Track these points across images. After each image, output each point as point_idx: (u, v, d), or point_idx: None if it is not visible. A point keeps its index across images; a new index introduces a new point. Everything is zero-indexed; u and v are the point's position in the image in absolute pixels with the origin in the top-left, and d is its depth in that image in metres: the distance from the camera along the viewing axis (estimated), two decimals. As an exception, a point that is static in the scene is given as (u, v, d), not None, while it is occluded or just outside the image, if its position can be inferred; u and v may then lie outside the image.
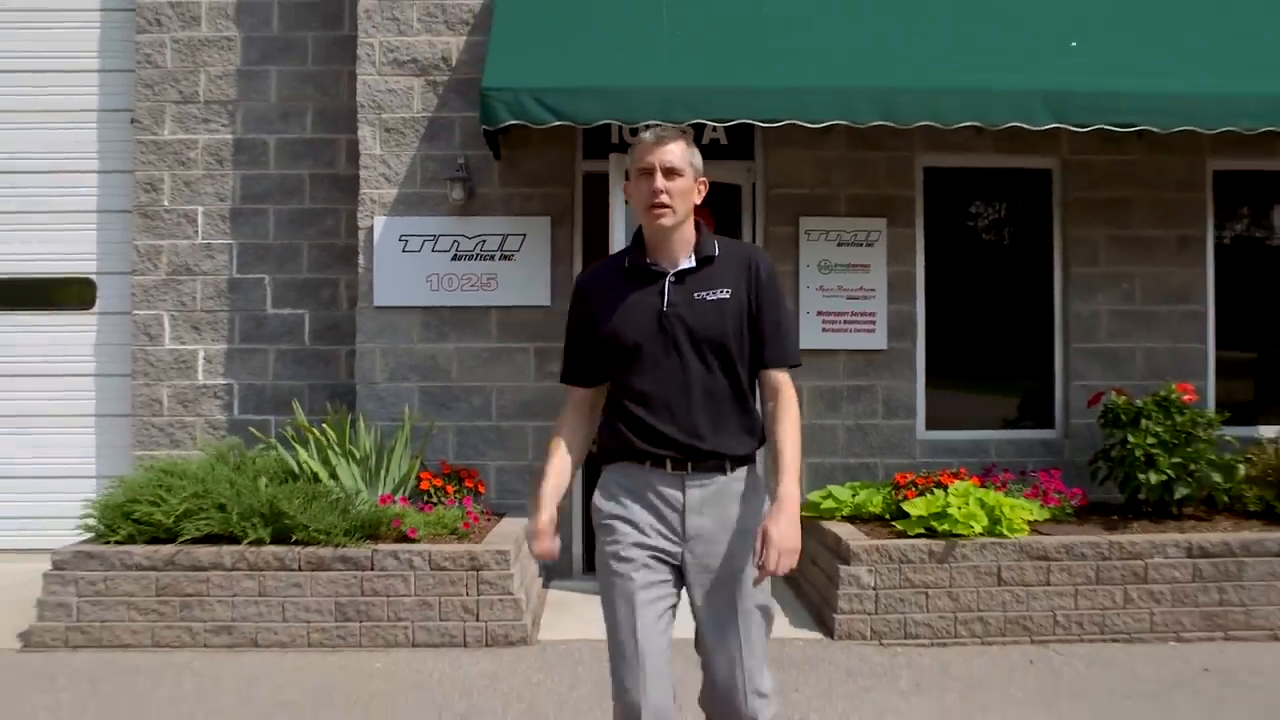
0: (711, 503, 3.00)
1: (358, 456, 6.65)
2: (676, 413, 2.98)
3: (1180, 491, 6.53)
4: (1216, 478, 6.66)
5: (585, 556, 7.31)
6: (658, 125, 3.10)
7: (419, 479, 6.79)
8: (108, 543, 6.00)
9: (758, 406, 3.11)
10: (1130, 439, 6.63)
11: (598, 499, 3.12)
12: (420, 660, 5.61)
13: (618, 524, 3.02)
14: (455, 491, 6.78)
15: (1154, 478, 6.50)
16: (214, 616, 5.82)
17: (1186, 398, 6.78)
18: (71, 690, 5.17)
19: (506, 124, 6.24)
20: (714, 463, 3.00)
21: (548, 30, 6.80)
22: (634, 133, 7.07)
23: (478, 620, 5.81)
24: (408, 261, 7.35)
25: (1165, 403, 6.74)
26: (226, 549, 5.87)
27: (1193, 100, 6.45)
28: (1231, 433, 7.28)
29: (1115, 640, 5.96)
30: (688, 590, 3.03)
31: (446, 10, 7.43)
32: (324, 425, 6.76)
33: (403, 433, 6.90)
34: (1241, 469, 6.74)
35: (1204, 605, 6.02)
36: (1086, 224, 7.62)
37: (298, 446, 6.64)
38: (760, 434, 3.09)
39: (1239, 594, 6.03)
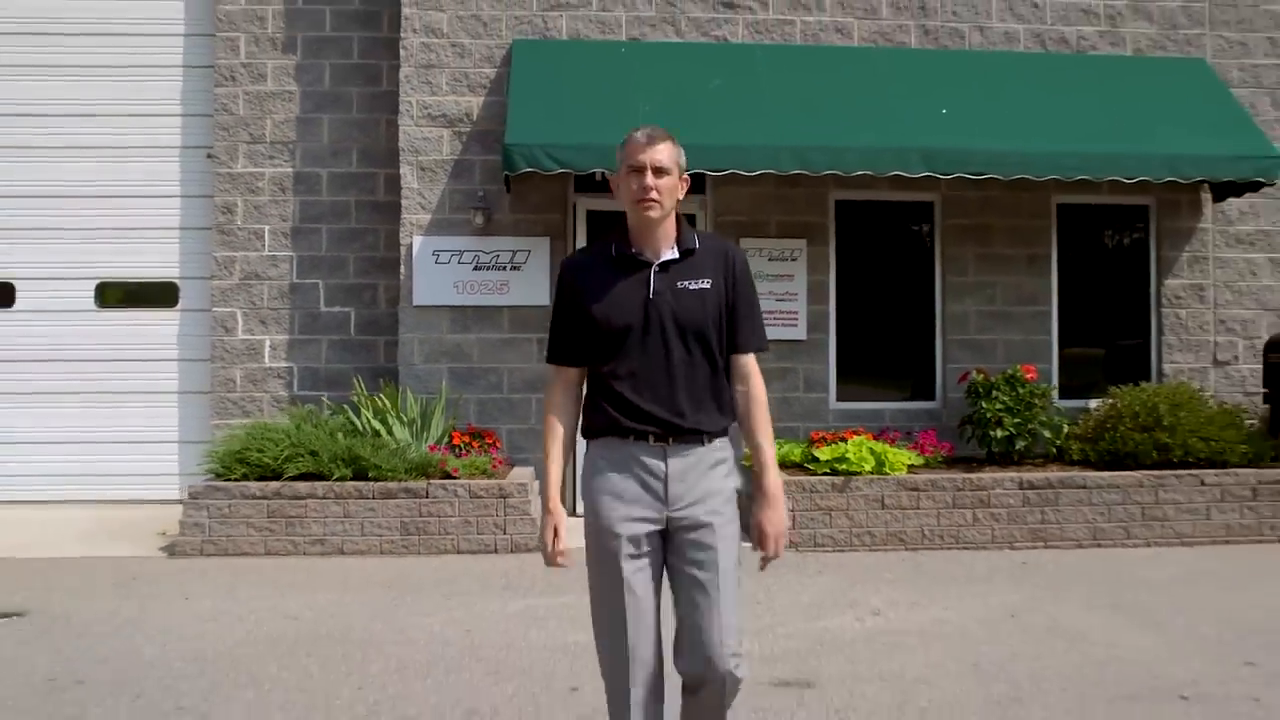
0: (692, 471, 3.17)
1: (406, 419, 8.66)
2: (659, 392, 3.14)
3: (1019, 444, 8.70)
4: (1047, 434, 8.84)
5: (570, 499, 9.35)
6: (648, 126, 3.28)
7: (451, 436, 8.79)
8: (228, 480, 7.96)
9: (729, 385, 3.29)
10: (984, 406, 8.79)
11: (585, 473, 3.28)
12: (465, 561, 7.65)
13: (604, 497, 3.18)
14: (479, 446, 8.79)
15: (1000, 433, 8.67)
16: (310, 532, 7.82)
17: (1028, 375, 8.94)
18: (222, 578, 7.15)
19: (521, 170, 8.29)
20: (693, 436, 3.17)
21: (551, 98, 8.83)
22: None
23: (505, 534, 7.85)
24: (439, 271, 9.36)
25: (1012, 379, 8.90)
26: (318, 483, 7.87)
27: (1027, 155, 8.64)
28: (1068, 404, 9.50)
29: (966, 548, 8.11)
30: (667, 553, 3.21)
31: (469, 77, 9.44)
32: (380, 395, 8.77)
33: (439, 402, 8.92)
34: (1066, 427, 8.92)
35: (1030, 523, 8.19)
36: (960, 244, 9.77)
37: (363, 410, 8.64)
38: (732, 409, 3.28)
39: (1055, 515, 8.21)
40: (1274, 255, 10.11)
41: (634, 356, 3.16)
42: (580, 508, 9.12)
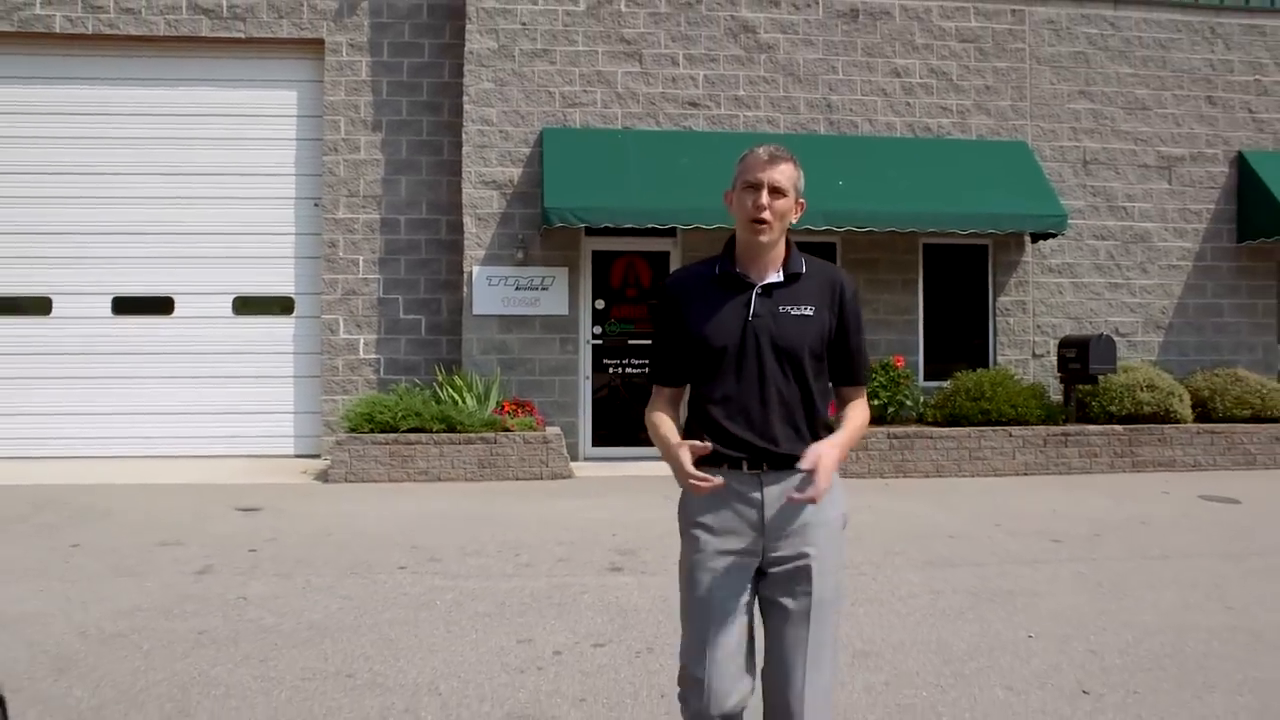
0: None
1: (474, 393, 12.27)
2: (754, 418, 3.01)
3: (890, 410, 12.48)
4: (909, 403, 12.64)
5: (592, 439, 13.04)
6: (772, 145, 3.13)
7: (503, 405, 12.40)
8: (360, 432, 11.52)
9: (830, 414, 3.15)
10: (867, 384, 12.56)
11: (682, 503, 3.16)
12: (523, 484, 11.29)
13: (700, 530, 3.07)
14: (522, 412, 12.40)
15: (877, 403, 12.43)
16: (418, 467, 11.41)
17: (897, 363, 12.73)
18: (368, 493, 10.73)
19: (556, 225, 11.94)
20: (788, 464, 3.00)
21: (572, 171, 12.47)
22: (617, 226, 12.72)
23: (547, 466, 11.50)
24: (491, 290, 12.98)
25: (886, 366, 12.67)
26: (422, 434, 11.46)
27: (896, 214, 12.43)
28: (932, 384, 13.31)
29: (851, 477, 11.84)
30: (762, 586, 3.07)
31: (511, 154, 13.08)
32: (457, 377, 12.40)
33: (494, 382, 12.54)
34: (922, 398, 12.73)
35: (895, 461, 11.97)
36: (853, 272, 13.52)
37: (445, 386, 12.26)
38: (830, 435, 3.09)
39: (911, 455, 11.99)
40: (1075, 280, 14.02)
41: (729, 379, 3.06)
42: (585, 434, 12.84)
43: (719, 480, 2.92)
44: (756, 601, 3.10)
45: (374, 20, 13.56)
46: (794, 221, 3.17)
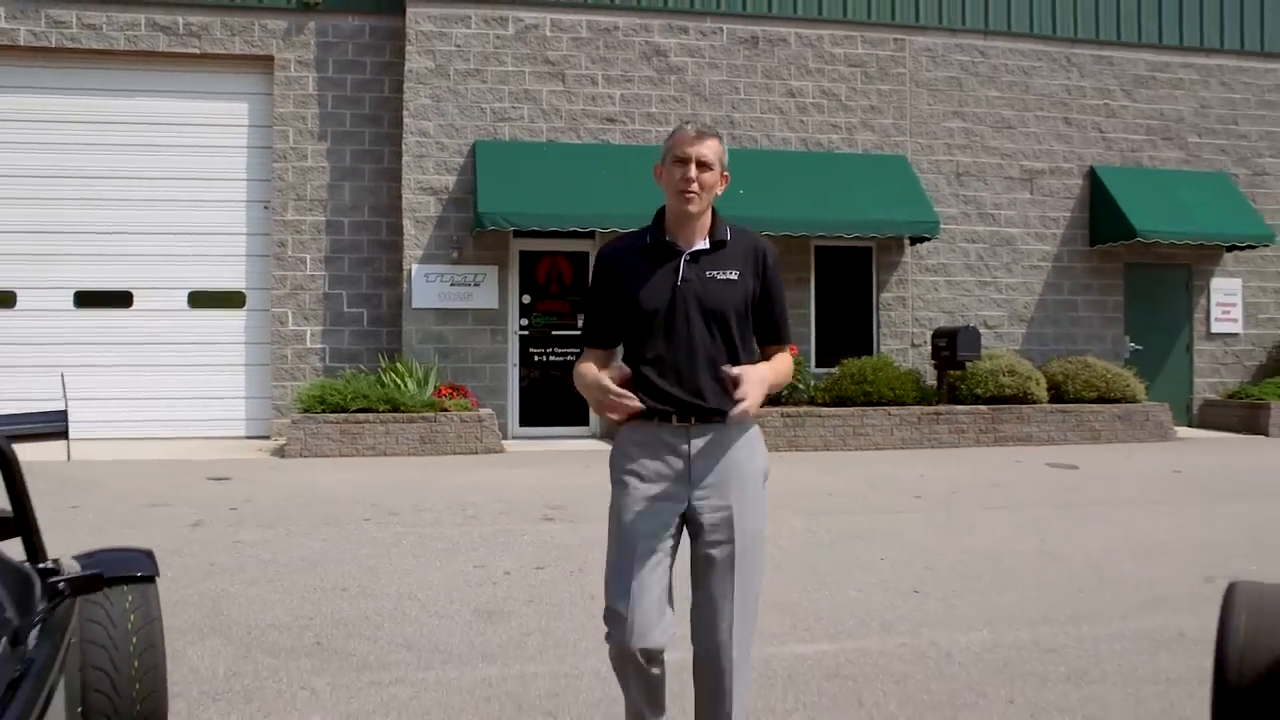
0: (714, 450, 3.22)
1: (415, 378, 13.46)
2: (683, 375, 3.17)
3: (784, 393, 13.94)
4: (802, 387, 14.12)
5: (520, 419, 14.33)
6: (698, 122, 3.34)
7: (440, 389, 13.62)
8: (313, 413, 12.65)
9: None
10: (765, 370, 14.01)
11: (613, 455, 3.33)
12: (459, 458, 12.53)
13: (630, 478, 3.24)
14: (457, 395, 13.62)
15: (774, 386, 13.90)
16: (366, 443, 12.58)
17: (792, 352, 14.16)
18: (325, 466, 11.88)
19: (488, 228, 13.20)
20: (715, 417, 3.19)
21: (502, 180, 13.73)
22: (543, 229, 14.00)
23: (481, 442, 12.76)
24: (429, 285, 14.19)
25: (782, 354, 14.14)
26: (370, 414, 12.63)
27: (790, 220, 13.92)
28: (823, 370, 14.83)
29: (751, 452, 13.29)
30: (690, 535, 3.25)
31: (447, 163, 14.29)
32: (398, 364, 13.59)
33: (432, 368, 13.74)
34: (813, 382, 14.24)
35: (788, 436, 13.45)
36: (755, 271, 14.96)
37: (388, 372, 13.44)
38: None
39: (803, 432, 13.48)
40: (949, 279, 15.68)
41: (660, 341, 3.20)
42: (514, 412, 14.13)
43: (635, 402, 3.15)
44: (679, 548, 3.30)
45: (320, 39, 14.68)
46: (719, 193, 3.35)
